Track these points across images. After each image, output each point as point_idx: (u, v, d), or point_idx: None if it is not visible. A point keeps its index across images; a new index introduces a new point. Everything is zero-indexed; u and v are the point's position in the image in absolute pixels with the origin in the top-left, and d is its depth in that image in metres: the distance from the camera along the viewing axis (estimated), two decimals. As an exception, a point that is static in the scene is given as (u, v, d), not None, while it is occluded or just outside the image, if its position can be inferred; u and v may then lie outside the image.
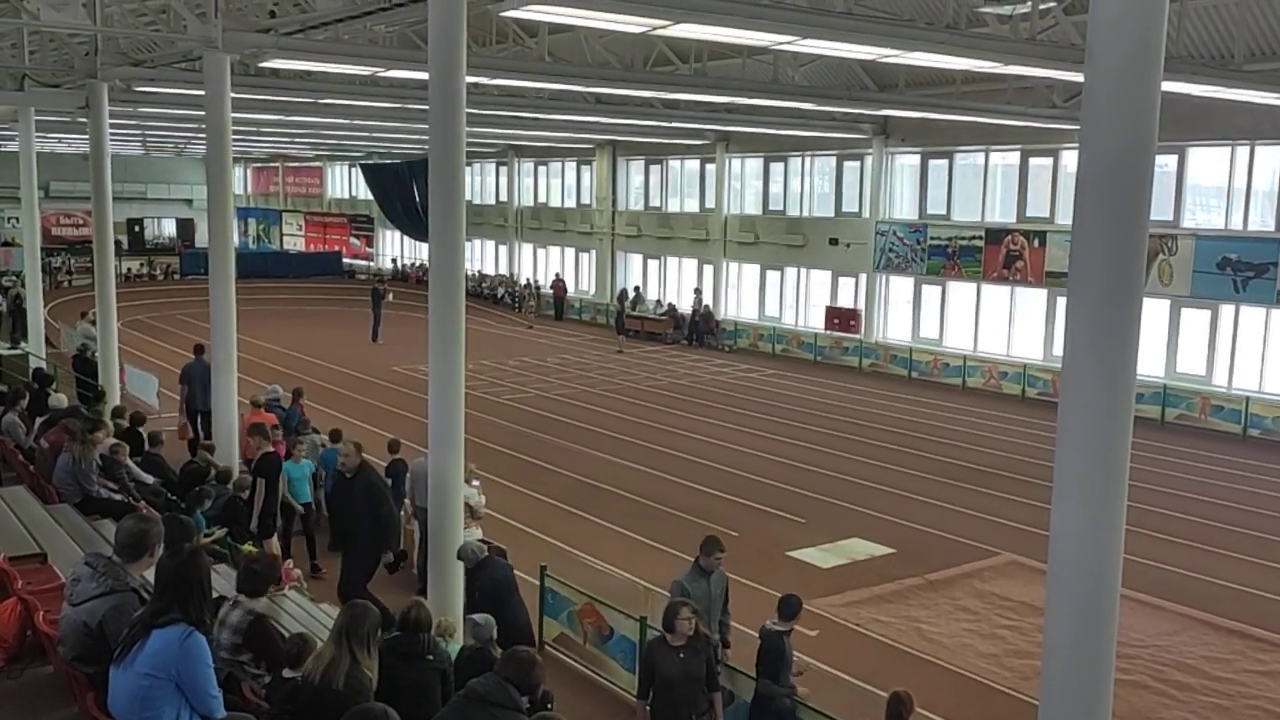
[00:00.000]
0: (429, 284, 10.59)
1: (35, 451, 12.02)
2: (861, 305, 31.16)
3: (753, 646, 8.46)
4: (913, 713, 7.21)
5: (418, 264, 47.75)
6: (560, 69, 20.38)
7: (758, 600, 12.46)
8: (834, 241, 31.74)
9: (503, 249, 46.30)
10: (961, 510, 16.40)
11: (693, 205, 37.22)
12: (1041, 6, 15.40)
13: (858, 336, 30.93)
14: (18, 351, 24.15)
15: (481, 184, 47.29)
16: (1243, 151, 23.10)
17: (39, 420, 13.14)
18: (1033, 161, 27.00)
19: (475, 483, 11.99)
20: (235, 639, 6.22)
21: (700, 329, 34.61)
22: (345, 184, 58.36)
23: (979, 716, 9.86)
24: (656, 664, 7.72)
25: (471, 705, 5.52)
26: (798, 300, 33.59)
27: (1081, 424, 5.56)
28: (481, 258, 47.15)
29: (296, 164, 60.80)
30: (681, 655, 7.67)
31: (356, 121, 29.21)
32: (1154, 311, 23.12)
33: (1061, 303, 5.58)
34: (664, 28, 12.19)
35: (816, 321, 32.49)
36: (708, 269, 36.06)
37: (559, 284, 41.48)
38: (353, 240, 56.37)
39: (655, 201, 38.83)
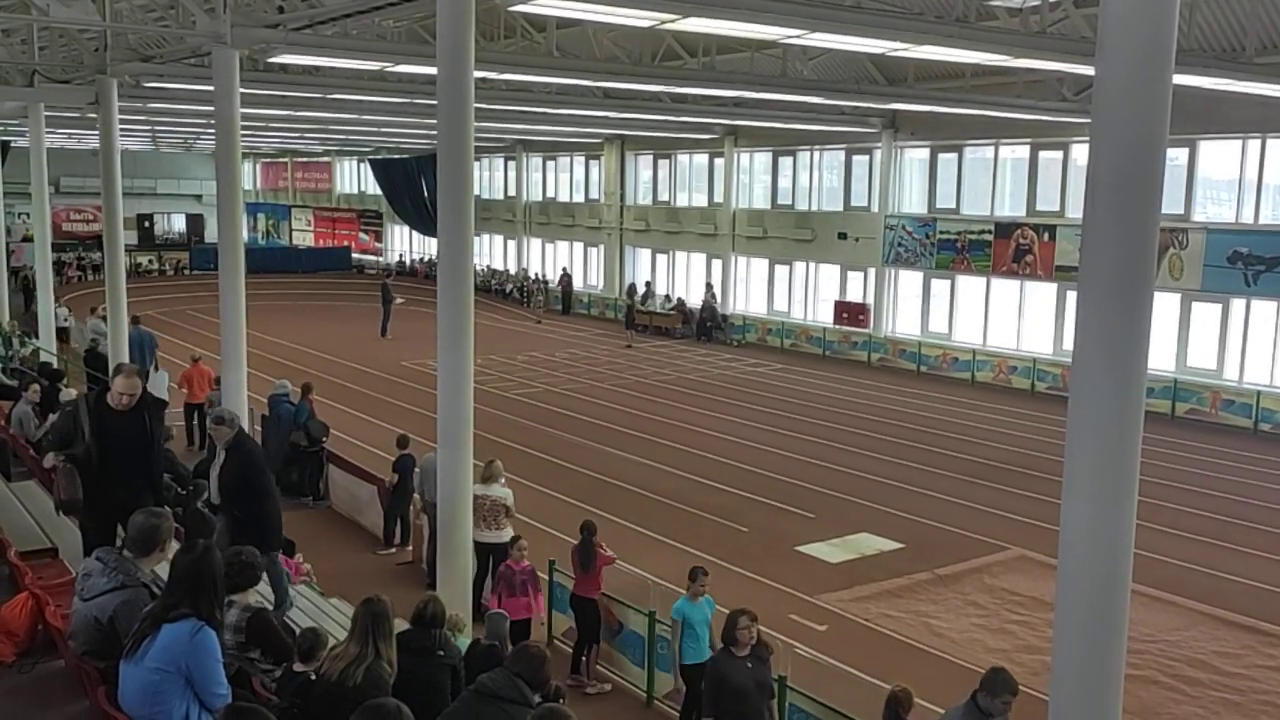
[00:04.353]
0: (438, 279, 10.59)
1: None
2: (870, 299, 31.10)
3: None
4: (911, 710, 7.17)
5: (426, 259, 47.79)
6: (568, 63, 20.38)
7: (767, 595, 12.48)
8: (843, 236, 31.68)
9: (511, 244, 46.31)
10: (971, 505, 16.37)
11: (701, 200, 37.18)
12: (1051, 0, 15.34)
13: (866, 331, 30.88)
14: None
15: (490, 179, 47.28)
16: (1254, 144, 22.97)
17: (50, 416, 13.17)
18: (1043, 155, 26.88)
19: (501, 480, 11.98)
20: (238, 638, 6.21)
21: (706, 324, 34.59)
22: (354, 179, 58.39)
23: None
24: (726, 677, 7.48)
25: (481, 700, 5.52)
26: (806, 294, 33.54)
27: (1092, 418, 5.54)
28: (490, 253, 47.17)
29: (305, 159, 60.84)
30: (749, 665, 7.49)
31: (365, 117, 29.22)
32: (1164, 305, 23.02)
33: (1071, 297, 5.56)
34: (672, 21, 12.19)
35: (825, 316, 32.43)
36: (716, 263, 36.01)
37: (565, 278, 41.51)
38: (362, 235, 56.44)
39: (664, 196, 38.80)
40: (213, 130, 17.35)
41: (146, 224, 57.88)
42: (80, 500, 7.47)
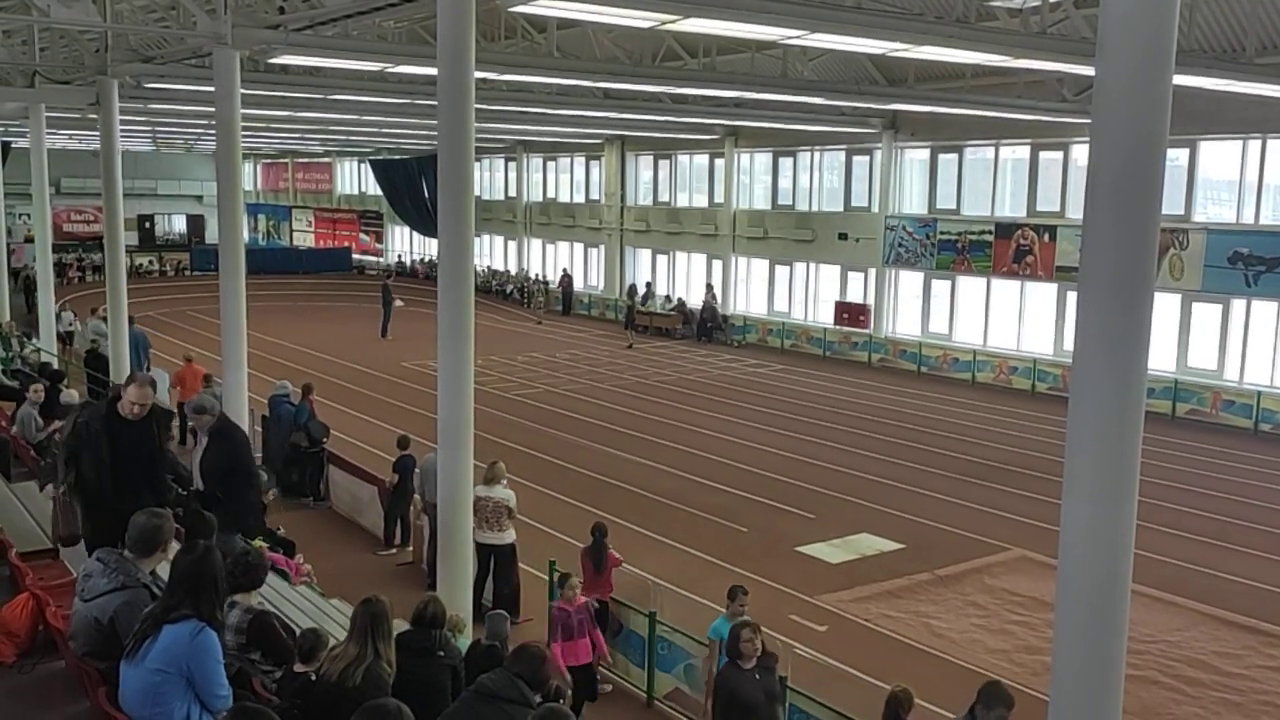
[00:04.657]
0: (438, 280, 10.60)
1: (48, 447, 12.03)
2: (870, 300, 31.10)
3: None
4: (911, 710, 7.18)
5: (426, 260, 47.81)
6: (569, 64, 20.39)
7: (767, 596, 12.48)
8: (843, 236, 31.68)
9: (511, 244, 46.32)
10: (971, 505, 16.37)
11: (701, 200, 37.17)
12: (1051, 0, 15.34)
13: (867, 331, 30.87)
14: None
15: (490, 179, 47.29)
16: (1254, 145, 22.97)
17: (56, 422, 13.12)
18: (1043, 155, 26.88)
19: (504, 481, 11.97)
20: (239, 639, 6.21)
21: (707, 325, 34.60)
22: (354, 180, 58.40)
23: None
24: (735, 690, 7.36)
25: (482, 701, 5.52)
26: (807, 295, 33.55)
27: (1092, 419, 5.54)
28: (490, 253, 47.19)
29: (306, 160, 60.85)
30: (758, 676, 7.40)
31: (365, 117, 29.25)
32: (1165, 306, 23.00)
33: (1072, 297, 5.57)
34: (672, 22, 12.18)
35: (825, 316, 32.44)
36: (717, 264, 36.02)
37: (565, 279, 41.52)
38: (362, 236, 56.45)
39: (664, 196, 38.80)
40: (213, 131, 17.35)
41: (147, 225, 57.91)
42: (79, 534, 7.44)
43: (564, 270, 42.18)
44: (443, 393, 10.54)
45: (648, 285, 38.04)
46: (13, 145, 37.07)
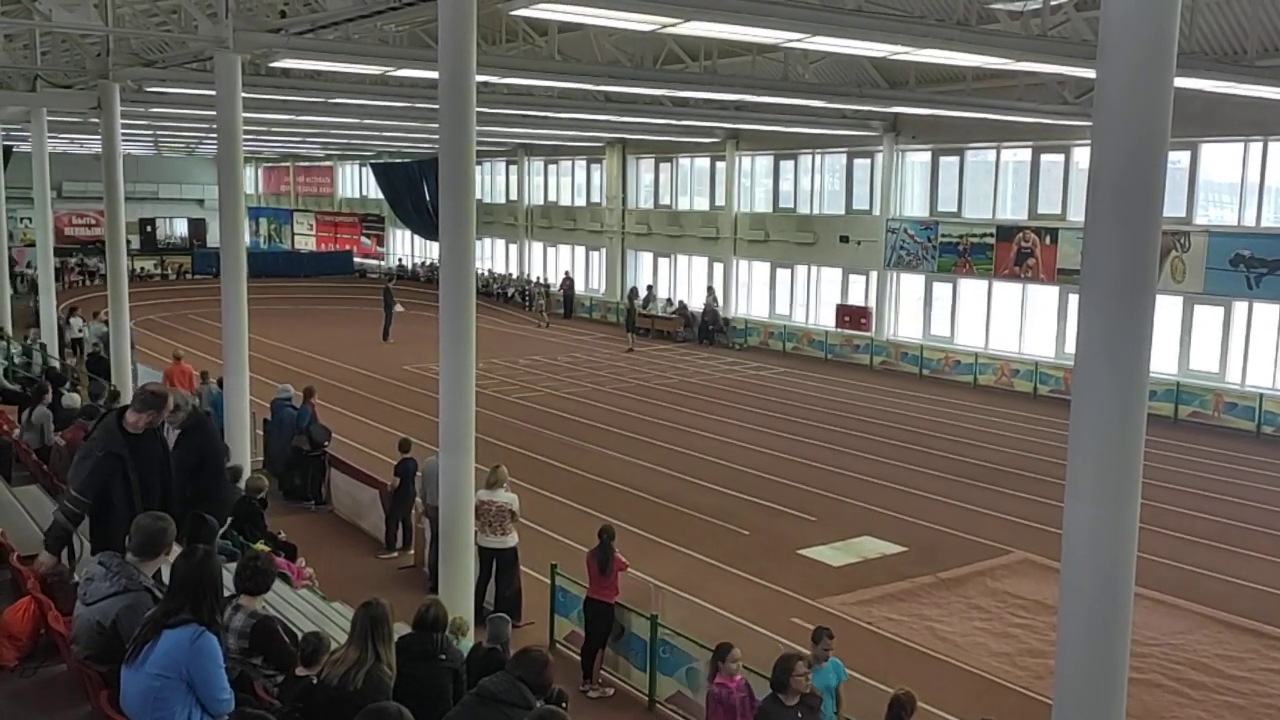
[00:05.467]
0: (440, 283, 10.60)
1: (51, 450, 12.04)
2: (872, 303, 31.09)
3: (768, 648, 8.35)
4: (914, 713, 7.15)
5: (427, 263, 47.82)
6: (570, 67, 20.37)
7: (769, 599, 12.48)
8: (844, 239, 31.67)
9: (513, 248, 46.35)
10: (973, 508, 16.35)
11: (703, 203, 37.19)
12: (1053, 2, 15.34)
13: (868, 334, 30.86)
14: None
15: (491, 183, 47.32)
16: (1255, 147, 22.95)
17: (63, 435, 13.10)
18: (1044, 158, 26.87)
19: (506, 485, 11.95)
20: (242, 643, 6.20)
21: (708, 327, 34.59)
22: (356, 183, 58.46)
23: (992, 715, 9.82)
24: None
25: (483, 704, 5.52)
26: (808, 298, 33.54)
27: (1094, 421, 5.54)
28: (492, 256, 47.21)
29: (307, 164, 60.91)
30: (800, 715, 7.11)
31: (367, 121, 29.27)
32: (1167, 308, 22.99)
33: (1073, 300, 5.57)
34: (673, 25, 12.18)
35: (827, 319, 32.43)
36: (718, 267, 36.02)
37: (567, 282, 41.54)
38: (364, 239, 56.49)
39: (665, 199, 38.82)
40: (215, 135, 17.37)
41: (149, 228, 57.94)
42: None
43: (565, 273, 42.20)
44: (444, 396, 10.54)
45: (649, 288, 38.04)
46: (14, 149, 37.14)
